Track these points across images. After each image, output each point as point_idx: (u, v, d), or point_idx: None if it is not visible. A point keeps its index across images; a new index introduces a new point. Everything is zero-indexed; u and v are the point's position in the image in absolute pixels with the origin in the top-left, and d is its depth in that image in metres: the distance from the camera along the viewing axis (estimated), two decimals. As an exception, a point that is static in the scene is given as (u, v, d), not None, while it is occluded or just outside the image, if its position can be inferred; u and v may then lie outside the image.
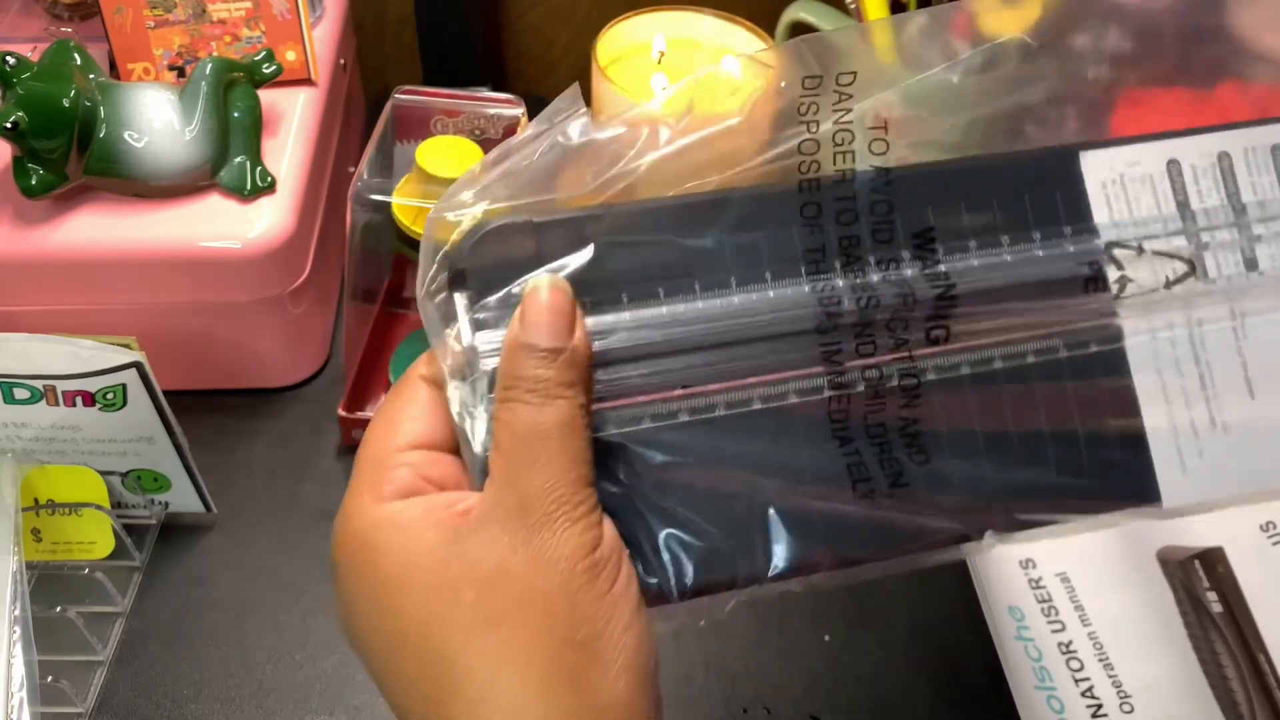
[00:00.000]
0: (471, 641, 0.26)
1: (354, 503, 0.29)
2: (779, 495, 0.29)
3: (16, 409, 0.49)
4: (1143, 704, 0.45)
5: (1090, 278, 0.31)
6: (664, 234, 0.29)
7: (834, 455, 0.29)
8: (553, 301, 0.27)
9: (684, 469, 0.29)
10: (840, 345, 0.29)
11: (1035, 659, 0.47)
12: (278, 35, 0.62)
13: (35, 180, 0.53)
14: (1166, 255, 0.31)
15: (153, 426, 0.50)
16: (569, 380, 0.27)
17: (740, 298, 0.29)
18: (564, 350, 0.27)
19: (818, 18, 0.67)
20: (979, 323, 0.30)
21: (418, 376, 0.30)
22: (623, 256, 0.29)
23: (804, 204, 0.30)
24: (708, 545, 0.28)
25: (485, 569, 0.26)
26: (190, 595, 0.52)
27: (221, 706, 0.48)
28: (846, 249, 0.30)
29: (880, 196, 0.30)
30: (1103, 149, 0.32)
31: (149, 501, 0.54)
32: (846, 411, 0.29)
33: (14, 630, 0.45)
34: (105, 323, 0.55)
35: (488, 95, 0.59)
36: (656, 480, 0.28)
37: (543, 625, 0.26)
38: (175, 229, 0.55)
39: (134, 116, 0.54)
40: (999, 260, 0.30)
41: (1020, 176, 0.31)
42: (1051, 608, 0.48)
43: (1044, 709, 0.45)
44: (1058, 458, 0.30)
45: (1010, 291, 0.30)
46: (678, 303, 0.29)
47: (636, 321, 0.29)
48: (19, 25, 0.68)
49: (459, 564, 0.26)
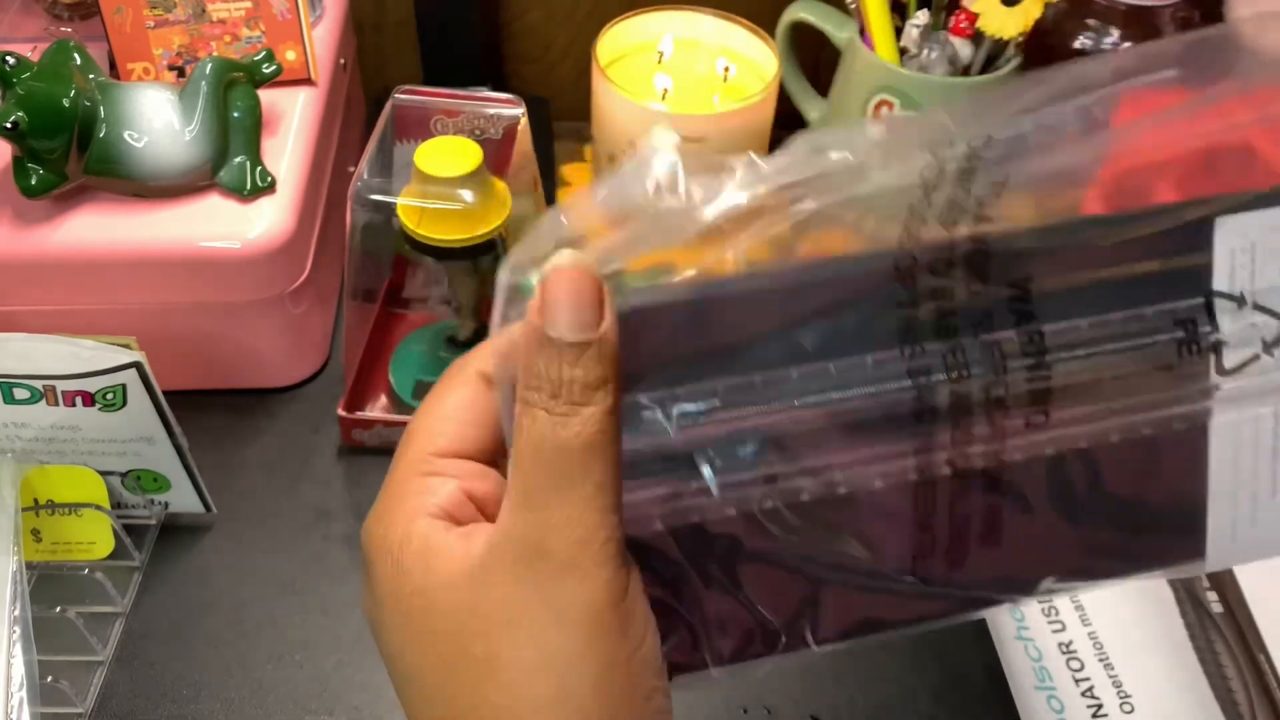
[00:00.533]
0: (482, 700, 0.24)
1: (392, 507, 0.26)
2: (843, 578, 0.28)
3: (16, 409, 0.49)
4: (1143, 704, 0.45)
5: (1184, 341, 0.28)
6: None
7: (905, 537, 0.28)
8: (577, 284, 0.23)
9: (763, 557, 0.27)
10: (934, 433, 0.27)
11: (1035, 659, 0.47)
12: (277, 35, 0.62)
13: (35, 180, 0.53)
14: (1269, 311, 0.28)
15: (152, 427, 0.50)
16: (598, 379, 0.23)
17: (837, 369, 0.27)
18: (591, 344, 0.23)
19: (818, 18, 0.67)
20: (1073, 410, 0.28)
21: (474, 371, 0.27)
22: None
23: (899, 269, 0.27)
24: (759, 622, 0.27)
25: (496, 620, 0.24)
26: (190, 595, 0.52)
27: (221, 706, 0.48)
28: (941, 324, 0.27)
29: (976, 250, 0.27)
30: (1241, 214, 0.28)
31: (149, 502, 0.54)
32: (932, 498, 0.28)
33: (14, 630, 0.45)
34: (105, 323, 0.55)
35: (488, 95, 0.59)
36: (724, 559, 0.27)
37: (555, 699, 0.23)
38: (175, 229, 0.55)
39: (134, 116, 0.54)
40: (1100, 341, 0.28)
41: (1141, 245, 0.28)
42: (1052, 608, 0.48)
43: (1044, 709, 0.45)
44: (1117, 522, 0.29)
45: (1106, 369, 0.28)
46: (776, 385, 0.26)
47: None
48: (19, 25, 0.68)
49: (468, 614, 0.24)
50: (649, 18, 0.63)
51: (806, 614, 0.27)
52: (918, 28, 0.63)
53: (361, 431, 0.57)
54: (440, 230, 0.52)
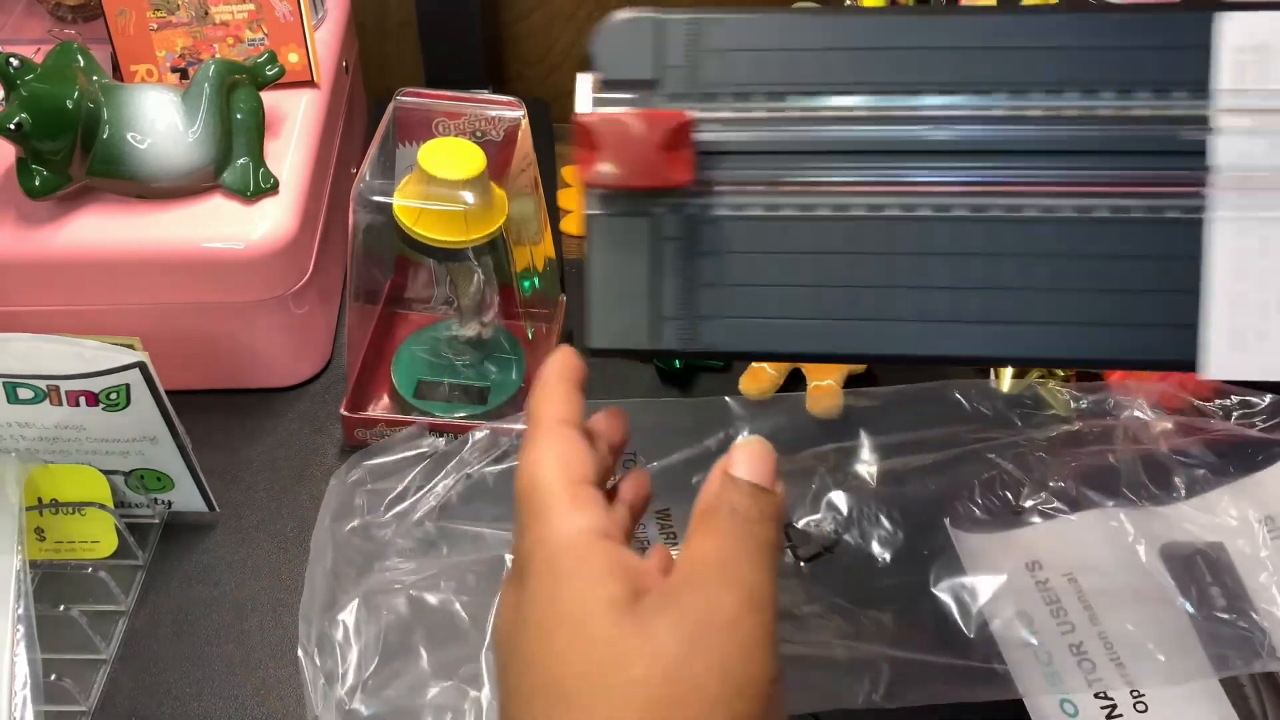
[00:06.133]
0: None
1: (554, 515, 0.30)
2: None
3: (20, 409, 0.49)
4: (1155, 702, 0.45)
5: (1188, 145, 0.31)
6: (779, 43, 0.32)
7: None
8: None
9: None
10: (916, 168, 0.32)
11: (1046, 663, 0.46)
12: (280, 37, 0.62)
13: (39, 181, 0.53)
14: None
15: (156, 426, 0.50)
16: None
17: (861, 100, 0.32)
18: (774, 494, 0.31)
19: (818, 20, 0.67)
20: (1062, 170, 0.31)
21: (557, 421, 0.32)
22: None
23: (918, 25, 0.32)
24: None
25: (662, 661, 0.27)
26: (193, 594, 0.52)
27: (224, 705, 0.48)
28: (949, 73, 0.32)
29: None
30: (1248, 11, 0.30)
31: (152, 501, 0.54)
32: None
33: (17, 629, 0.45)
34: (108, 323, 0.55)
35: (489, 97, 0.59)
36: None
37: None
38: (178, 230, 0.55)
39: (137, 118, 0.54)
40: (1092, 112, 0.31)
41: (1147, 29, 0.31)
42: (1060, 609, 0.48)
43: (1056, 713, 0.45)
44: (1112, 303, 0.31)
45: (1095, 147, 0.31)
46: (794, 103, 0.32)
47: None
48: (22, 27, 0.69)
49: (631, 639, 0.27)
50: (649, 20, 0.63)
51: None
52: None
53: (364, 431, 0.58)
54: (437, 230, 0.52)
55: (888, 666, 0.45)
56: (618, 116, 0.32)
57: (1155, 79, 0.31)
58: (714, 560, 0.29)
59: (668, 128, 0.31)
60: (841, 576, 0.48)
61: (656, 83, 0.32)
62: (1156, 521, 0.49)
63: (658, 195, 0.32)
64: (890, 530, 0.49)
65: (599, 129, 0.32)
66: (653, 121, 0.31)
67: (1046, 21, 0.32)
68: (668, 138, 0.31)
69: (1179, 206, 0.31)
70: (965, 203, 0.32)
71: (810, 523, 0.50)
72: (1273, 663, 0.45)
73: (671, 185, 0.32)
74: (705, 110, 0.32)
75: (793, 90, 0.32)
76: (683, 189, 0.32)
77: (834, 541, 0.49)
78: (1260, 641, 0.46)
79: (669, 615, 0.28)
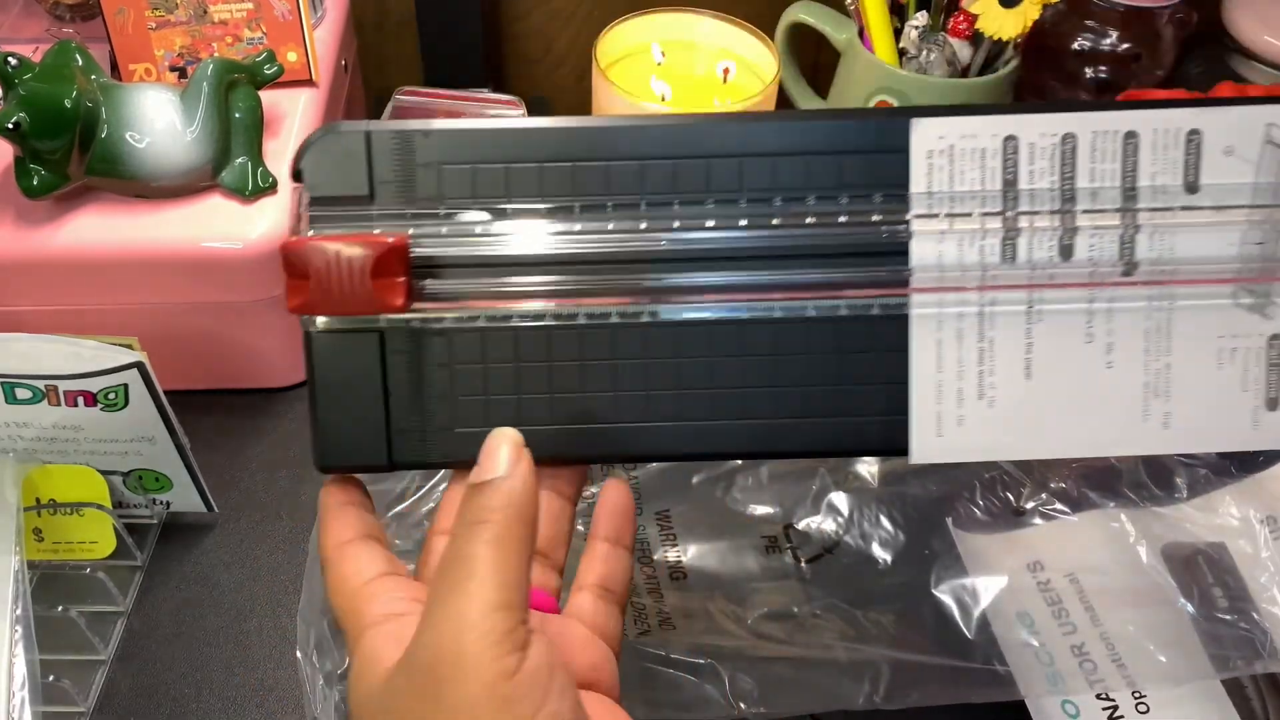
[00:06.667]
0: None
1: (361, 617, 0.31)
2: None
3: (18, 409, 0.49)
4: (1157, 703, 0.45)
5: (888, 245, 0.32)
6: (489, 157, 0.32)
7: None
8: None
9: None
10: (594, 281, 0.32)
11: (1047, 664, 0.46)
12: (279, 36, 0.62)
13: (37, 181, 0.53)
14: (973, 233, 0.32)
15: (154, 426, 0.50)
16: None
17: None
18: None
19: (817, 19, 0.67)
20: (770, 276, 0.32)
21: (336, 547, 0.33)
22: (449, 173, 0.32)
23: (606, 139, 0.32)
24: None
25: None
26: (191, 594, 0.52)
27: (223, 706, 0.48)
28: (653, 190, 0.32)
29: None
30: (937, 117, 0.32)
31: (150, 501, 0.54)
32: None
33: (15, 630, 0.45)
34: (107, 323, 0.55)
35: (488, 96, 0.59)
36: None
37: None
38: (177, 229, 0.55)
39: (136, 117, 0.54)
40: (799, 218, 0.32)
41: (849, 137, 0.32)
42: (1062, 609, 0.48)
43: (1058, 714, 0.45)
44: (825, 396, 0.33)
45: (804, 250, 0.32)
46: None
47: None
48: (21, 26, 0.68)
49: (402, 699, 0.28)
50: (649, 19, 0.63)
51: None
52: (917, 29, 0.63)
53: (362, 431, 0.57)
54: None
55: (888, 667, 0.45)
56: (327, 244, 0.31)
57: (860, 183, 0.32)
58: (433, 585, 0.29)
59: (380, 253, 0.31)
60: (842, 577, 0.48)
61: (369, 198, 0.32)
62: (1158, 522, 0.49)
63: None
64: (891, 531, 0.49)
65: (309, 258, 0.31)
66: (366, 246, 0.31)
67: (757, 128, 0.32)
68: (380, 264, 0.31)
69: (882, 305, 0.32)
70: (680, 308, 0.32)
71: (811, 524, 0.50)
72: (1274, 663, 0.45)
73: (386, 311, 0.32)
74: (419, 226, 0.32)
75: (506, 202, 0.32)
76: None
77: (835, 542, 0.49)
78: (1262, 642, 0.46)
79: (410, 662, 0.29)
